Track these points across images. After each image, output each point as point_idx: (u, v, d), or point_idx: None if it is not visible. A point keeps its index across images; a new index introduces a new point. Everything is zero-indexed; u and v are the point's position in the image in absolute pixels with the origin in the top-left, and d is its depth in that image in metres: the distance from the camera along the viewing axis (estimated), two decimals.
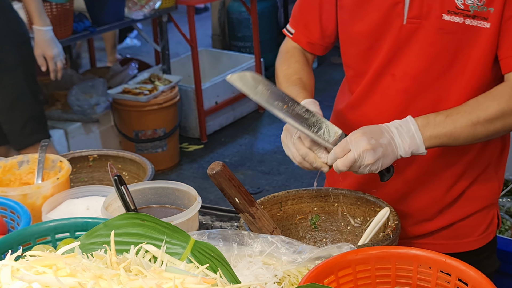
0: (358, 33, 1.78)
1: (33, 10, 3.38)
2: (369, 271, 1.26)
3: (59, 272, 0.94)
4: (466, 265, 1.20)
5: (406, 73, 1.73)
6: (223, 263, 1.18)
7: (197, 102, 5.25)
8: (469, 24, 1.63)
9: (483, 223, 1.88)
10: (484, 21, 1.63)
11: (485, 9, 1.61)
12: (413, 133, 1.60)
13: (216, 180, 1.53)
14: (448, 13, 1.64)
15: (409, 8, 1.68)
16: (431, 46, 1.68)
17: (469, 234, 1.88)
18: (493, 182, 1.86)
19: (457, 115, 1.62)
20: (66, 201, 1.82)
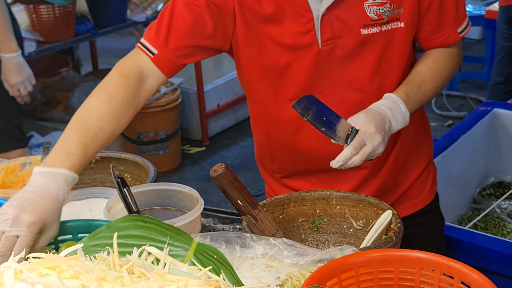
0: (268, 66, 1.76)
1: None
2: (372, 273, 1.26)
3: (62, 274, 0.94)
4: (469, 268, 1.20)
5: (337, 86, 1.76)
6: (226, 265, 1.19)
7: (199, 104, 5.25)
8: (386, 30, 1.71)
9: (429, 177, 2.01)
10: (398, 22, 1.72)
11: (395, 11, 1.70)
12: (403, 113, 1.71)
13: (218, 182, 1.53)
14: (365, 27, 1.70)
15: (321, 33, 1.69)
16: (354, 58, 1.73)
17: (421, 191, 1.99)
18: (427, 141, 1.99)
19: (424, 85, 1.78)
20: (69, 203, 1.82)
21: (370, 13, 1.68)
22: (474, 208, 3.21)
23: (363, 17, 1.68)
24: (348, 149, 1.60)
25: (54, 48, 4.40)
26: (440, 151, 2.95)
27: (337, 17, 1.68)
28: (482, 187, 3.31)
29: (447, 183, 2.98)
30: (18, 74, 3.27)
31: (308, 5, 1.67)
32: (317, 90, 1.76)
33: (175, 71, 1.74)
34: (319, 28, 1.69)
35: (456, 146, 3.03)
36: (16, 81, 3.24)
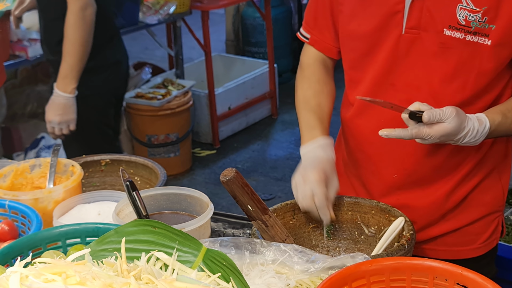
0: (356, 36, 1.78)
1: (60, 70, 2.93)
2: (384, 282, 1.24)
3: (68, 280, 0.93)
4: (483, 278, 1.17)
5: (407, 84, 1.73)
6: (235, 272, 1.17)
7: (210, 107, 5.24)
8: (470, 40, 1.65)
9: (487, 230, 1.88)
10: (485, 38, 1.64)
11: (486, 26, 1.63)
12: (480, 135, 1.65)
13: (229, 187, 1.51)
14: (449, 28, 1.65)
15: (408, 18, 1.68)
16: (431, 59, 1.69)
17: (473, 241, 1.87)
18: (497, 189, 1.86)
19: (509, 113, 1.69)
20: (78, 206, 1.81)
21: (459, 16, 1.63)
22: None
23: (451, 17, 1.64)
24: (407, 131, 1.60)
25: None
26: None
27: (428, 8, 1.66)
28: None
29: None
30: (59, 114, 2.97)
31: None
32: (389, 81, 1.74)
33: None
34: (407, 11, 1.67)
35: None
36: (54, 120, 2.96)
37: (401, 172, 1.81)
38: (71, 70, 2.91)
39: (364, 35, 1.76)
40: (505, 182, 1.87)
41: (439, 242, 1.86)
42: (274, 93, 5.74)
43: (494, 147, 1.82)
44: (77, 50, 2.89)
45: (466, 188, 1.81)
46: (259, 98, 5.64)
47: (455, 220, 1.84)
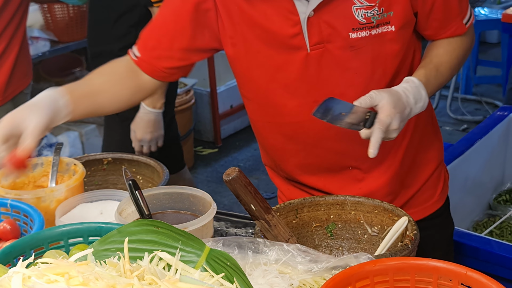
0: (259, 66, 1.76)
1: None
2: (388, 282, 1.24)
3: (71, 281, 0.92)
4: (488, 278, 1.16)
5: (331, 94, 1.70)
6: (239, 272, 1.16)
7: (212, 106, 5.24)
8: (375, 34, 1.68)
9: (439, 181, 1.97)
10: (388, 25, 1.68)
11: (385, 15, 1.66)
12: (424, 99, 1.68)
13: (232, 186, 1.51)
14: (353, 31, 1.67)
15: (309, 36, 1.67)
16: (346, 63, 1.70)
17: (431, 196, 1.96)
18: (436, 142, 1.96)
19: (441, 67, 1.76)
20: (80, 205, 1.80)
21: (358, 16, 1.65)
22: (489, 215, 3.18)
23: (351, 21, 1.65)
24: (377, 133, 1.57)
25: (67, 47, 4.40)
26: (456, 156, 2.92)
27: (325, 20, 1.66)
28: (498, 193, 3.28)
29: (463, 189, 2.94)
30: (150, 131, 2.89)
31: (295, 8, 1.65)
32: (311, 99, 1.73)
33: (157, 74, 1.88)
34: (306, 31, 1.67)
35: (472, 151, 3.00)
36: (145, 138, 2.89)
37: (354, 163, 1.84)
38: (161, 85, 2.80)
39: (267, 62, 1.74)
40: (439, 135, 1.98)
41: (405, 208, 1.92)
42: None
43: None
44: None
45: (412, 150, 1.88)
46: None
47: (413, 183, 1.92)
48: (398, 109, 1.61)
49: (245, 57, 1.77)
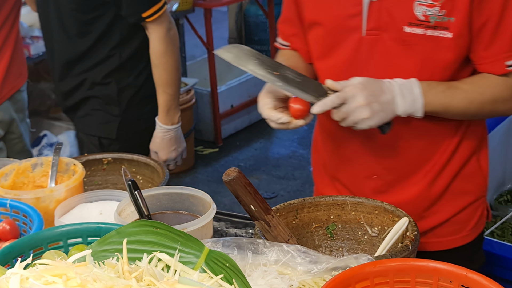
0: (316, 40, 1.79)
1: (161, 104, 2.59)
2: (388, 284, 1.23)
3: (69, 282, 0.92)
4: (488, 280, 1.16)
5: None
6: (238, 273, 1.16)
7: (212, 106, 5.24)
8: (430, 35, 1.65)
9: (473, 217, 1.90)
10: (446, 31, 1.65)
11: (445, 19, 1.63)
12: (415, 96, 1.65)
13: (231, 187, 1.50)
14: (409, 25, 1.65)
15: (368, 20, 1.68)
16: (395, 58, 1.69)
17: (461, 229, 1.89)
18: (478, 175, 1.87)
19: (456, 90, 1.69)
20: (79, 205, 1.80)
21: (417, 12, 1.64)
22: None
23: (409, 14, 1.64)
24: (331, 97, 1.58)
25: None
26: None
27: (386, 8, 1.66)
28: (499, 193, 3.27)
29: None
30: (174, 149, 2.67)
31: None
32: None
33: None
34: (366, 14, 1.67)
35: None
36: (171, 157, 2.66)
37: (380, 172, 1.83)
38: (174, 100, 2.62)
39: (323, 38, 1.76)
40: (484, 168, 1.89)
41: (429, 235, 1.88)
42: None
43: (468, 136, 1.82)
44: (176, 78, 2.59)
45: (446, 178, 1.83)
46: None
47: (442, 211, 1.86)
48: (369, 89, 1.60)
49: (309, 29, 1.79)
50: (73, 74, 2.59)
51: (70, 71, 2.59)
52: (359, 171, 1.85)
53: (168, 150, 2.65)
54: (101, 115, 2.60)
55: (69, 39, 2.53)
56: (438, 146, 1.80)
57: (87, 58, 2.55)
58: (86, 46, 2.52)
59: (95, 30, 2.48)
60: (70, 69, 2.59)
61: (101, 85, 2.57)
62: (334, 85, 1.62)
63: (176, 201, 1.72)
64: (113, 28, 2.49)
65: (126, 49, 2.54)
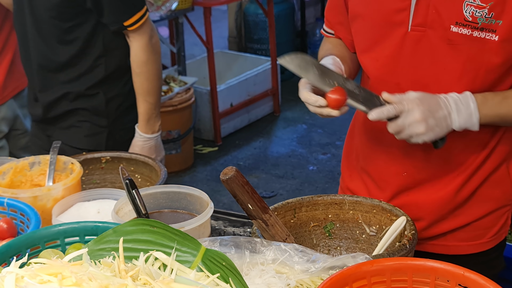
0: (360, 32, 1.79)
1: (141, 112, 2.51)
2: (385, 283, 1.23)
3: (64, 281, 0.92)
4: (485, 279, 1.16)
5: (414, 83, 1.72)
6: (235, 272, 1.16)
7: (212, 104, 5.23)
8: (477, 36, 1.64)
9: (496, 224, 1.87)
10: (492, 34, 1.63)
11: (493, 21, 1.62)
12: (471, 111, 1.65)
13: (229, 185, 1.50)
14: (456, 25, 1.64)
15: (414, 15, 1.67)
16: (439, 56, 1.68)
17: (482, 235, 1.87)
18: (506, 183, 1.85)
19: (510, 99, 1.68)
20: (77, 204, 1.80)
21: (466, 12, 1.63)
22: None
23: (458, 14, 1.63)
24: (388, 107, 1.59)
25: None
26: None
27: (434, 5, 1.65)
28: None
29: None
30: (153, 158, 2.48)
31: None
32: (393, 80, 1.74)
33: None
34: (413, 9, 1.67)
35: None
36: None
37: (411, 170, 1.81)
38: (155, 109, 2.54)
39: (368, 32, 1.76)
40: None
41: (449, 237, 1.86)
42: (276, 90, 5.73)
43: (502, 141, 1.81)
44: (157, 86, 2.52)
45: (475, 182, 1.81)
46: (261, 95, 5.63)
47: (465, 215, 1.84)
48: (425, 104, 1.60)
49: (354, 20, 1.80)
50: (56, 85, 2.48)
51: (52, 81, 2.49)
52: (390, 166, 1.84)
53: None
54: (88, 127, 2.52)
55: (48, 48, 2.44)
56: (473, 151, 1.79)
57: (70, 68, 2.46)
58: (67, 56, 2.43)
59: (77, 39, 2.41)
60: (52, 79, 2.48)
61: (87, 96, 2.49)
62: (390, 98, 1.63)
63: (173, 200, 1.72)
64: (96, 37, 2.42)
65: (112, 58, 2.47)
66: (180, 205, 1.71)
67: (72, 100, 2.50)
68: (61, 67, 2.45)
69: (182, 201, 1.71)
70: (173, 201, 1.72)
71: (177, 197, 1.71)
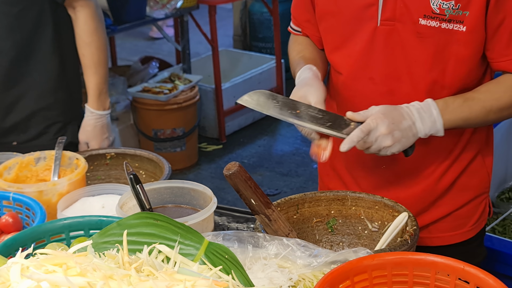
0: (330, 30, 1.81)
1: (92, 87, 2.42)
2: (386, 277, 1.24)
3: (69, 271, 0.93)
4: (485, 273, 1.17)
5: (387, 76, 1.75)
6: (237, 265, 1.17)
7: (216, 102, 5.24)
8: (445, 28, 1.66)
9: (476, 213, 1.91)
10: (460, 25, 1.65)
11: (460, 12, 1.64)
12: (434, 118, 1.67)
13: (232, 181, 1.51)
14: (424, 18, 1.66)
15: (383, 10, 1.69)
16: (409, 49, 1.71)
17: (463, 224, 1.91)
18: (482, 172, 1.89)
19: (472, 102, 1.71)
20: (82, 198, 1.81)
21: (433, 4, 1.65)
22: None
23: (425, 7, 1.66)
24: (356, 132, 1.60)
25: None
26: None
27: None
28: (501, 190, 3.27)
29: None
30: (106, 138, 2.47)
31: None
32: (367, 75, 1.76)
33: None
34: (381, 4, 1.69)
35: None
36: (103, 146, 2.45)
37: (389, 162, 1.83)
38: (105, 83, 2.46)
39: (338, 29, 1.78)
40: (489, 165, 1.91)
41: (432, 229, 1.90)
42: (281, 88, 5.74)
43: (476, 133, 1.85)
44: (106, 57, 2.45)
45: (453, 173, 1.85)
46: None
47: (446, 205, 1.88)
48: (389, 117, 1.62)
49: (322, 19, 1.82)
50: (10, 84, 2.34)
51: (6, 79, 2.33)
52: (368, 160, 1.86)
53: (100, 139, 2.46)
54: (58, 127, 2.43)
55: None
56: (447, 146, 1.82)
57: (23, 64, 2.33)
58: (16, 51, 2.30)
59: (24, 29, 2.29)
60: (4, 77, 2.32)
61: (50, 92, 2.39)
62: (354, 116, 1.64)
63: (177, 195, 1.73)
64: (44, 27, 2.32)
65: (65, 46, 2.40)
66: (184, 200, 1.73)
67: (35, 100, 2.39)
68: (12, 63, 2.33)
69: (186, 196, 1.72)
70: (177, 196, 1.73)
71: (181, 192, 1.73)
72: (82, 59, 2.42)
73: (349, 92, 1.82)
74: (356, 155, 1.86)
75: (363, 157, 1.85)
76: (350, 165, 1.93)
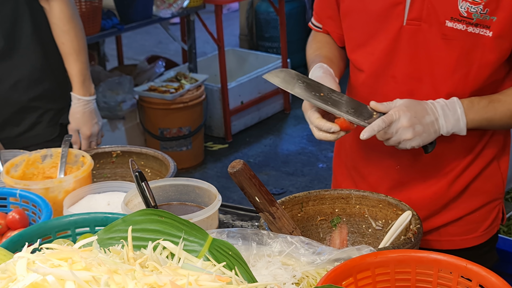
0: (354, 27, 1.80)
1: (76, 74, 2.42)
2: (389, 274, 1.25)
3: (74, 266, 0.94)
4: (487, 271, 1.18)
5: (409, 76, 1.74)
6: (241, 261, 1.18)
7: (222, 102, 5.26)
8: (471, 32, 1.66)
9: (488, 218, 1.90)
10: (487, 29, 1.65)
11: (487, 17, 1.64)
12: (458, 116, 1.67)
13: (236, 178, 1.52)
14: (451, 20, 1.66)
15: (410, 9, 1.69)
16: (433, 50, 1.70)
17: (475, 229, 1.89)
18: (497, 177, 1.88)
19: (498, 103, 1.71)
20: (88, 196, 1.82)
21: (461, 7, 1.64)
22: None
23: (453, 9, 1.65)
24: (377, 121, 1.60)
25: None
26: None
27: (430, 0, 1.67)
28: (507, 190, 3.27)
29: None
30: (96, 123, 2.48)
31: None
32: (389, 73, 1.76)
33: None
34: (408, 3, 1.69)
35: None
36: (94, 131, 2.47)
37: (404, 163, 1.83)
38: (87, 68, 2.46)
39: (364, 26, 1.78)
40: (504, 171, 1.90)
41: (442, 232, 1.88)
42: None
43: (494, 138, 1.84)
44: (85, 43, 2.46)
45: (467, 177, 1.84)
46: (272, 92, 5.64)
47: (457, 209, 1.87)
48: (412, 111, 1.62)
49: (347, 16, 1.81)
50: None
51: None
52: (383, 160, 1.86)
53: (90, 124, 2.47)
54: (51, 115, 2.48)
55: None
56: (463, 148, 1.81)
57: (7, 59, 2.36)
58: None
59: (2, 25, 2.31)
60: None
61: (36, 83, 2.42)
62: (378, 106, 1.65)
63: (182, 192, 1.74)
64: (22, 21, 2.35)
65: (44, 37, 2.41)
66: (189, 198, 1.74)
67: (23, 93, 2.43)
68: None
69: (191, 193, 1.73)
70: (181, 194, 1.74)
71: (186, 190, 1.74)
72: (62, 47, 2.43)
73: (369, 90, 1.81)
74: (371, 155, 1.87)
75: (378, 157, 1.85)
76: (363, 163, 1.92)
